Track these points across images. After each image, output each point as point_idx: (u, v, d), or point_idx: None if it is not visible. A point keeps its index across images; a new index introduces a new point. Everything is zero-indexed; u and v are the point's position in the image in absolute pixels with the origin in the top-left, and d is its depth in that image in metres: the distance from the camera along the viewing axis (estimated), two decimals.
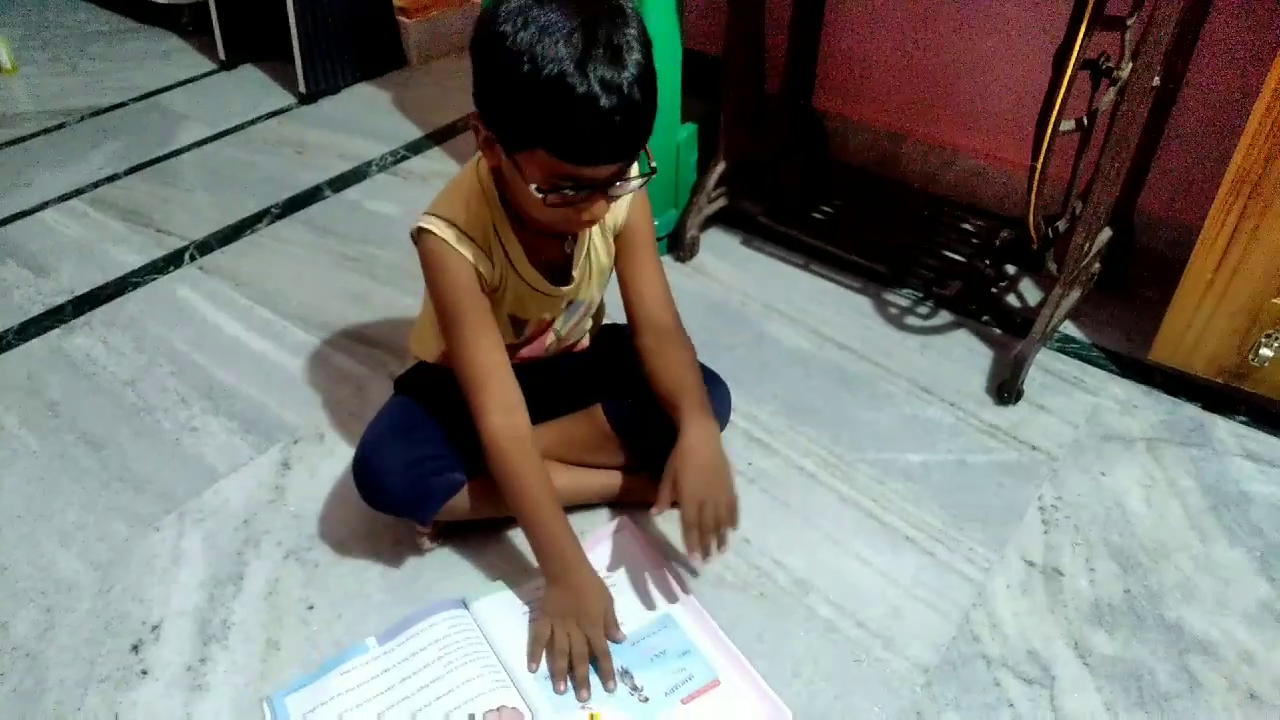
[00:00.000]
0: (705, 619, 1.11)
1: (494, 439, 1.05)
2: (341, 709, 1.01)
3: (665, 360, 1.14)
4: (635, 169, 1.01)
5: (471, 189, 1.06)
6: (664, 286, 1.18)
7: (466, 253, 1.04)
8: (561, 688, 1.03)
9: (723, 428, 1.23)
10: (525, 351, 1.21)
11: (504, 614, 1.11)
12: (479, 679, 1.03)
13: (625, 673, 1.05)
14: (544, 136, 0.91)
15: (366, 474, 1.13)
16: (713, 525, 1.06)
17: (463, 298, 1.06)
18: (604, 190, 0.97)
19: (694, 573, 1.17)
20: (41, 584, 1.16)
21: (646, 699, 1.03)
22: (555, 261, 1.13)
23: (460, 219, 1.05)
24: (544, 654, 1.06)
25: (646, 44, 0.91)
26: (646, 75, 0.90)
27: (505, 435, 1.05)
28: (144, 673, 1.07)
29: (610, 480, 1.23)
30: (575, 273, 1.14)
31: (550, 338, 1.21)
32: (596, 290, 1.21)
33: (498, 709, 1.00)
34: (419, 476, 1.11)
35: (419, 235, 1.06)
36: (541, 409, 1.22)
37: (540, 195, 0.94)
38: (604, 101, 0.87)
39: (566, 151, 0.91)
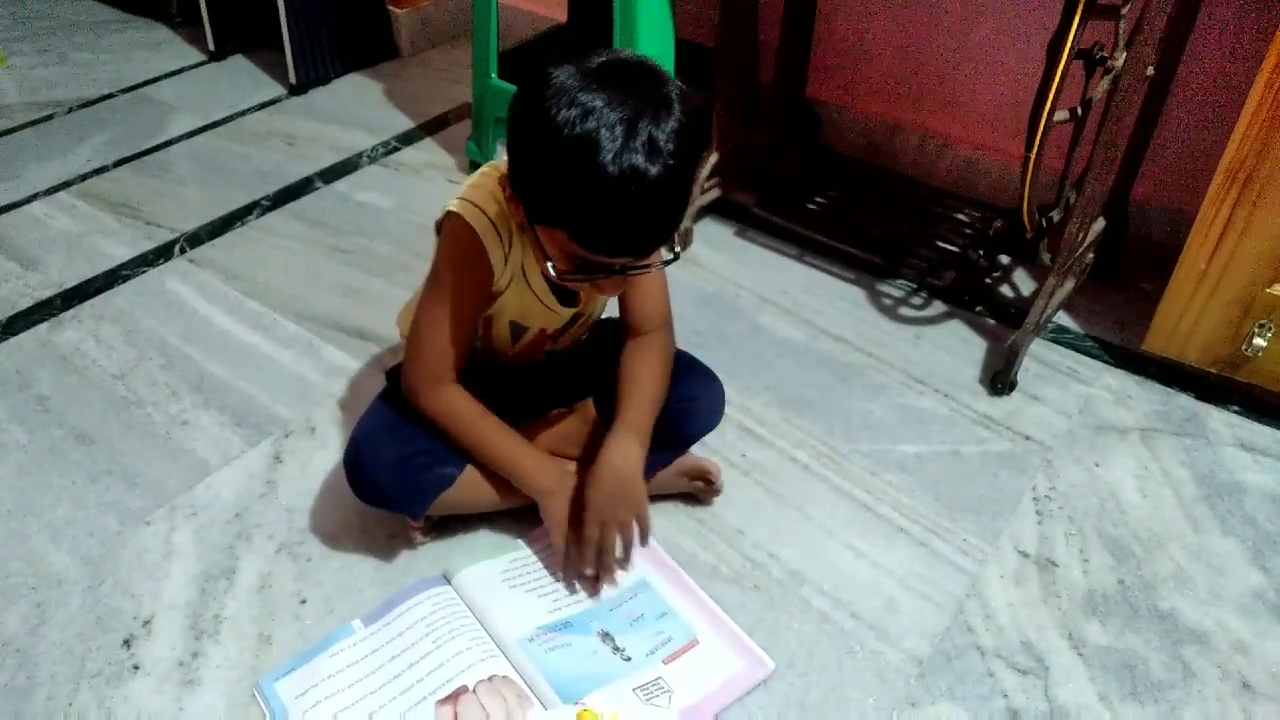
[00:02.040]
0: (681, 578, 1.13)
1: (451, 398, 1.10)
2: (333, 689, 1.01)
3: (634, 365, 1.14)
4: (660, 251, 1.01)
5: (499, 191, 1.05)
6: (663, 292, 1.17)
7: (488, 241, 1.04)
8: (596, 588, 1.12)
9: (714, 428, 1.23)
10: (522, 356, 1.20)
11: (486, 583, 1.12)
12: (468, 651, 1.04)
13: (607, 635, 1.07)
14: (567, 220, 0.90)
15: (358, 469, 1.12)
16: (611, 546, 1.08)
17: (465, 280, 1.06)
18: (621, 273, 0.97)
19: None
20: (32, 579, 1.16)
21: (629, 659, 1.04)
22: None
23: (491, 210, 1.04)
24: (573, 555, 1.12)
25: (685, 139, 0.89)
26: (679, 173, 0.89)
27: (458, 394, 1.10)
28: (136, 668, 1.06)
29: None
30: (583, 295, 1.13)
31: (547, 345, 1.21)
32: (600, 308, 1.21)
33: (489, 678, 1.00)
34: (411, 471, 1.11)
35: (448, 219, 1.05)
36: (534, 403, 1.22)
37: (555, 273, 0.96)
38: (630, 195, 0.86)
39: (587, 239, 0.91)
